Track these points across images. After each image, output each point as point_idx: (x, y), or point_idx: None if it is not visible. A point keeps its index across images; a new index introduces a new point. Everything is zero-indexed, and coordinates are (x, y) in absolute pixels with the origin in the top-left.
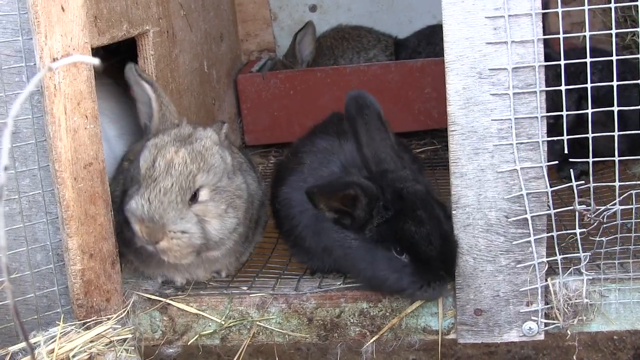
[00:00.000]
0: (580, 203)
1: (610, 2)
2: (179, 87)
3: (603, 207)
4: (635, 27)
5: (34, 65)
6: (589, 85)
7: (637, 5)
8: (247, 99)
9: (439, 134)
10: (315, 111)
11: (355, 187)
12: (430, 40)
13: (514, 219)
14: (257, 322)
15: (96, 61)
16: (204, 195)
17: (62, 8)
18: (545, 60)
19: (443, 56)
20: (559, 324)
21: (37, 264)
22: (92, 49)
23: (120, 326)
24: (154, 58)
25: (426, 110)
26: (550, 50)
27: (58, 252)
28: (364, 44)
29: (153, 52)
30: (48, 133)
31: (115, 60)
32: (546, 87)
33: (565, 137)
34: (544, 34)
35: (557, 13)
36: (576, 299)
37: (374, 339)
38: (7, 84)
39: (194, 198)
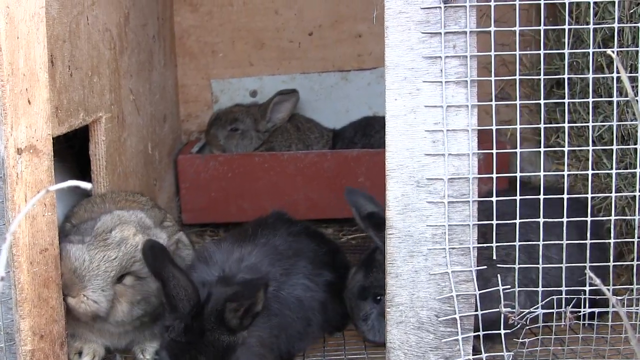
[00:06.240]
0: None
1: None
2: (126, 170)
3: (526, 310)
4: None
5: None
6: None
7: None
8: (186, 179)
9: None
10: (252, 194)
11: None
12: (365, 132)
13: (444, 318)
14: None
15: (89, 186)
16: (128, 280)
17: (29, 101)
18: None
19: (378, 147)
20: None
21: None
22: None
23: None
24: (105, 143)
25: None
26: None
27: (8, 331)
28: (311, 139)
29: (104, 137)
30: (7, 218)
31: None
32: None
33: (494, 245)
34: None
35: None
36: None
37: None
38: None
39: (120, 278)
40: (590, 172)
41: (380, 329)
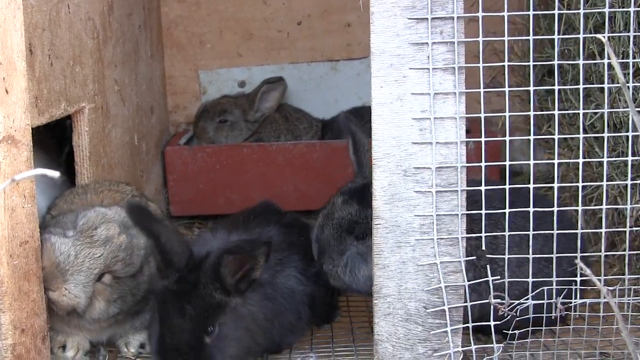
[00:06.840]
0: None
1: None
2: (111, 161)
3: (517, 302)
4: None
5: None
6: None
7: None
8: (174, 170)
9: None
10: (241, 185)
11: None
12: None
13: (432, 309)
14: None
15: (57, 174)
16: (107, 279)
17: (6, 91)
18: None
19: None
20: None
21: None
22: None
23: None
24: (89, 134)
25: None
26: None
27: None
28: (300, 130)
29: (88, 128)
30: None
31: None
32: None
33: (483, 235)
34: None
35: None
36: None
37: None
38: None
39: (100, 277)
40: (580, 160)
41: (353, 269)
